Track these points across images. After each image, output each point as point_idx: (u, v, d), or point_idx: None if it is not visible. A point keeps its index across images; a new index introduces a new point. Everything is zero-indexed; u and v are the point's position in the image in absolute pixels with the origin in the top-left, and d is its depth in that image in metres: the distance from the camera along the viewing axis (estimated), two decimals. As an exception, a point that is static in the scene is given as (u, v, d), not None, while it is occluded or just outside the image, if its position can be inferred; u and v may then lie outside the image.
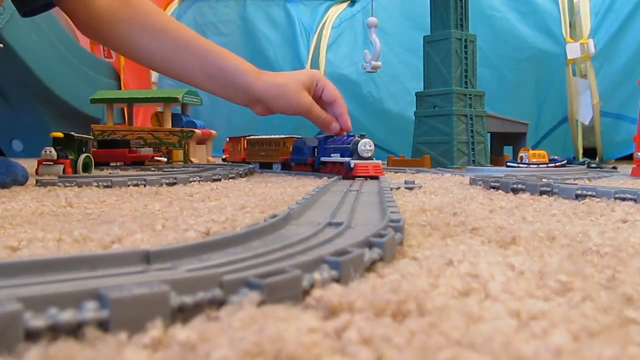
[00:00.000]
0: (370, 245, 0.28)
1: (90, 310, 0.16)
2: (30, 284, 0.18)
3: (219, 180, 0.88)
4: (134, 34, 0.77)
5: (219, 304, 0.19)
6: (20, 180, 0.72)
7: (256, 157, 1.28)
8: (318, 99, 0.87)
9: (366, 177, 0.80)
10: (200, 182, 0.83)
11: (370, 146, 0.84)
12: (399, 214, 0.36)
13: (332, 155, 0.92)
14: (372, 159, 0.84)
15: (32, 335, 0.15)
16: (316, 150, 1.02)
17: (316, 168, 1.02)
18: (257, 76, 0.82)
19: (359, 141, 0.85)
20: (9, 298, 0.15)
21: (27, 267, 0.20)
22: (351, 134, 0.89)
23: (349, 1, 3.07)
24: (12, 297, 0.16)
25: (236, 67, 0.81)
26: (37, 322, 0.15)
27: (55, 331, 0.16)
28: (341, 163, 0.88)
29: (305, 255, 0.24)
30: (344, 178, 0.82)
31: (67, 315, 0.16)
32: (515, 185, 0.69)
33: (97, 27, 0.77)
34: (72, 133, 1.04)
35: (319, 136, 1.01)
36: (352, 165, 0.83)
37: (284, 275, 0.20)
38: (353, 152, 0.85)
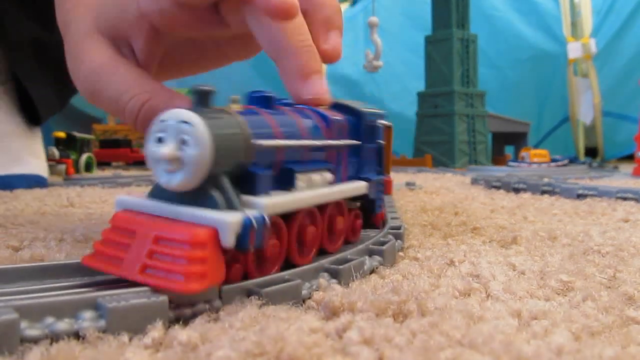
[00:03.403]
0: (370, 253, 0.28)
1: (87, 320, 0.16)
2: (27, 292, 0.17)
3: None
4: None
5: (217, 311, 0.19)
6: None
7: None
8: None
9: None
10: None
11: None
12: (400, 221, 0.36)
13: None
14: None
15: (28, 345, 0.15)
16: None
17: None
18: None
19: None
20: (5, 307, 0.15)
21: (26, 273, 0.20)
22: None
23: (351, 1, 3.07)
24: (8, 306, 0.15)
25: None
26: (33, 331, 0.15)
27: (53, 340, 0.16)
28: None
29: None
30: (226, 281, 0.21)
31: (64, 325, 0.16)
32: (516, 185, 0.69)
33: None
34: (74, 133, 1.04)
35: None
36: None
37: (284, 285, 0.20)
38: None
